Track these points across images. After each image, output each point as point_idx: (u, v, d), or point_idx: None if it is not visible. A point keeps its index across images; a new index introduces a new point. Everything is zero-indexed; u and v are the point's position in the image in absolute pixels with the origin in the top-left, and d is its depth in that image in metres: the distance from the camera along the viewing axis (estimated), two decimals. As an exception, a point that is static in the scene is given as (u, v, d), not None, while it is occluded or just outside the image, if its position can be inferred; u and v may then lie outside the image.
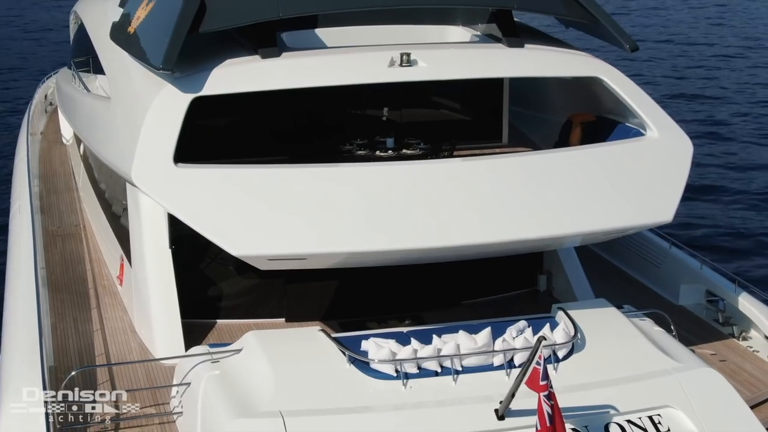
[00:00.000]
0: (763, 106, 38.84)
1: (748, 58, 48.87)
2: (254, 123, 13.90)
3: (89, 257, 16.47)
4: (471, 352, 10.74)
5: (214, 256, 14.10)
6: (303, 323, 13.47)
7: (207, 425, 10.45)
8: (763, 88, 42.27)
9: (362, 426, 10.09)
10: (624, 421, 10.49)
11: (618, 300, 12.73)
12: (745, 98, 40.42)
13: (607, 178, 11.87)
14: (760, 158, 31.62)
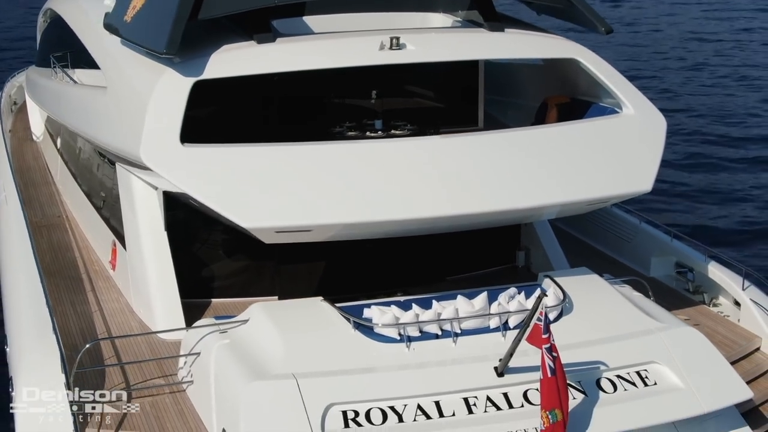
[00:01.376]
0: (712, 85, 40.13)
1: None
2: (246, 107, 14.40)
3: (76, 245, 16.87)
4: (470, 315, 11.36)
5: (207, 238, 14.63)
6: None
7: (222, 390, 10.97)
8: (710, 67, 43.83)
9: (371, 384, 10.68)
10: (614, 376, 11.18)
11: (593, 273, 13.43)
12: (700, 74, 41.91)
13: (588, 151, 12.57)
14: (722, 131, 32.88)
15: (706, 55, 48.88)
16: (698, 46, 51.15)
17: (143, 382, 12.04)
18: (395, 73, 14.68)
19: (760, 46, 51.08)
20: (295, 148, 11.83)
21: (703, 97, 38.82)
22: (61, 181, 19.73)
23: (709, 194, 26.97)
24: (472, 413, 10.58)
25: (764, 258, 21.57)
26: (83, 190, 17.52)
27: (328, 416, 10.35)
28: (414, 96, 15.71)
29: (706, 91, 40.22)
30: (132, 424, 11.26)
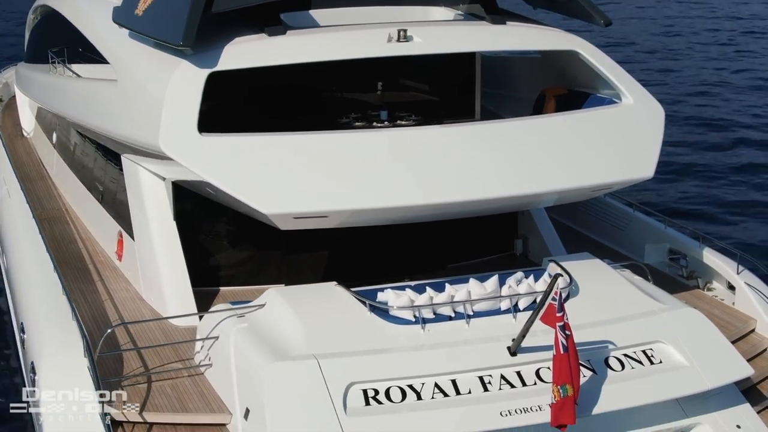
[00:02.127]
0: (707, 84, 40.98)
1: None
2: (254, 98, 14.70)
3: (79, 237, 17.11)
4: (483, 298, 11.76)
5: (214, 228, 14.95)
6: None
7: (243, 372, 11.30)
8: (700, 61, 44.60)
9: (389, 364, 11.05)
10: (621, 355, 11.61)
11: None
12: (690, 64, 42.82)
13: (591, 140, 12.99)
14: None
15: (691, 41, 50.05)
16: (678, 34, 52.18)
17: (161, 366, 12.33)
18: (395, 66, 15.06)
19: (744, 32, 52.10)
20: (311, 137, 12.18)
21: (690, 86, 39.56)
22: (59, 175, 19.95)
23: (704, 185, 27.61)
24: (487, 391, 10.97)
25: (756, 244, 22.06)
26: (84, 183, 17.76)
27: (349, 394, 10.71)
28: (412, 89, 16.07)
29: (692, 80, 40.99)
30: (155, 405, 11.54)
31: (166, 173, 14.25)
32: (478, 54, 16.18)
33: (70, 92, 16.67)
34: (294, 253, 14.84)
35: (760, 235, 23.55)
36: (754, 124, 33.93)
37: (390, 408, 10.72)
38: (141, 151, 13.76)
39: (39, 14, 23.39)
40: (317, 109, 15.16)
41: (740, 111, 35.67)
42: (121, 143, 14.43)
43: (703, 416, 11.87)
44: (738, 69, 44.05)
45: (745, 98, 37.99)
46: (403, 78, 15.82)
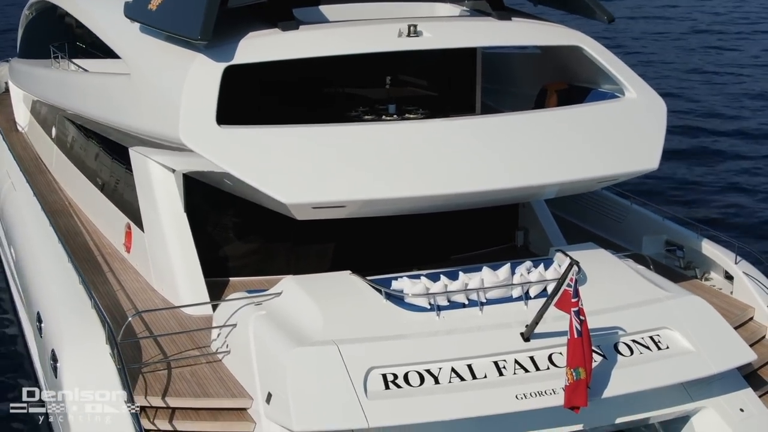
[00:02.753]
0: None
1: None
2: (264, 92, 14.95)
3: (85, 229, 17.32)
4: (496, 285, 12.11)
5: (223, 220, 15.22)
6: None
7: (264, 358, 11.58)
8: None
9: (407, 349, 11.37)
10: (630, 340, 11.98)
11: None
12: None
13: (597, 132, 13.36)
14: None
15: (681, 39, 50.94)
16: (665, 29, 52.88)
17: (179, 353, 12.59)
18: (399, 61, 15.39)
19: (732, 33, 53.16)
20: (328, 129, 12.49)
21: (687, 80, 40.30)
22: (59, 169, 20.11)
23: (701, 176, 28.12)
24: (502, 375, 11.31)
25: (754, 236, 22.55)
26: (88, 176, 17.96)
27: (369, 379, 11.03)
28: (415, 84, 16.39)
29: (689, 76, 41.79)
30: (176, 390, 11.80)
31: (177, 165, 14.51)
32: (479, 50, 16.50)
33: (78, 86, 16.87)
34: (302, 244, 15.14)
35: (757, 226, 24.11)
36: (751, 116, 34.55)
37: (409, 391, 11.04)
38: (152, 143, 14.02)
39: (35, 10, 23.55)
40: (326, 103, 15.45)
41: (736, 103, 36.26)
42: (132, 136, 14.67)
43: (707, 400, 12.27)
44: (736, 60, 44.85)
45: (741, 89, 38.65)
46: (406, 73, 16.14)
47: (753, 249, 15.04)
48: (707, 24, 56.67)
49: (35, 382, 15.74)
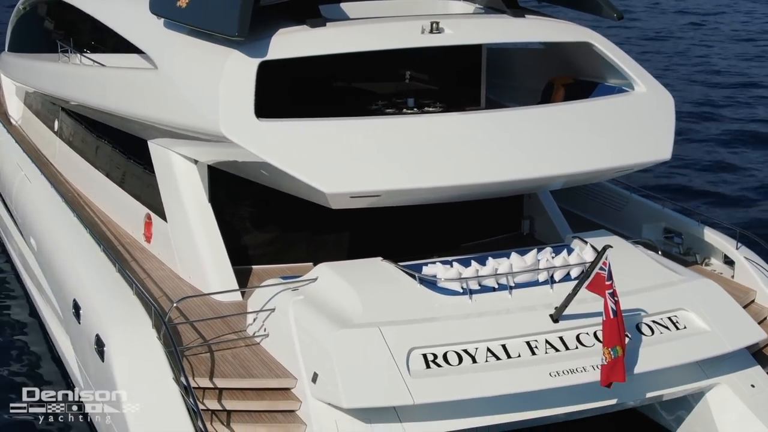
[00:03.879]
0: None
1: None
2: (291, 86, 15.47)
3: (99, 221, 17.72)
4: (525, 270, 12.77)
5: (245, 209, 15.73)
6: None
7: (307, 340, 12.15)
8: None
9: (444, 331, 12.01)
10: (650, 321, 12.70)
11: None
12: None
13: (611, 125, 14.07)
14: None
15: (680, 30, 52.46)
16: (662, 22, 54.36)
17: (218, 338, 13.11)
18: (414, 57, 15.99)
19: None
20: (364, 122, 13.12)
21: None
22: (64, 162, 20.39)
23: (701, 166, 29.09)
24: (535, 354, 11.99)
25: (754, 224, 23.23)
26: (100, 168, 18.34)
27: (410, 359, 11.64)
28: (425, 79, 16.99)
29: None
30: (221, 372, 12.34)
31: (201, 156, 15.03)
32: (484, 46, 17.15)
33: (96, 80, 17.20)
34: (320, 233, 15.70)
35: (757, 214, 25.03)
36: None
37: (449, 370, 11.67)
38: (178, 135, 14.51)
39: (30, 5, 23.80)
40: (347, 97, 16.01)
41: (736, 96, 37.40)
42: (156, 129, 15.12)
43: (721, 377, 13.04)
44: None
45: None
46: (419, 68, 16.73)
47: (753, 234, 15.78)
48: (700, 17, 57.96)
49: (60, 368, 16.30)
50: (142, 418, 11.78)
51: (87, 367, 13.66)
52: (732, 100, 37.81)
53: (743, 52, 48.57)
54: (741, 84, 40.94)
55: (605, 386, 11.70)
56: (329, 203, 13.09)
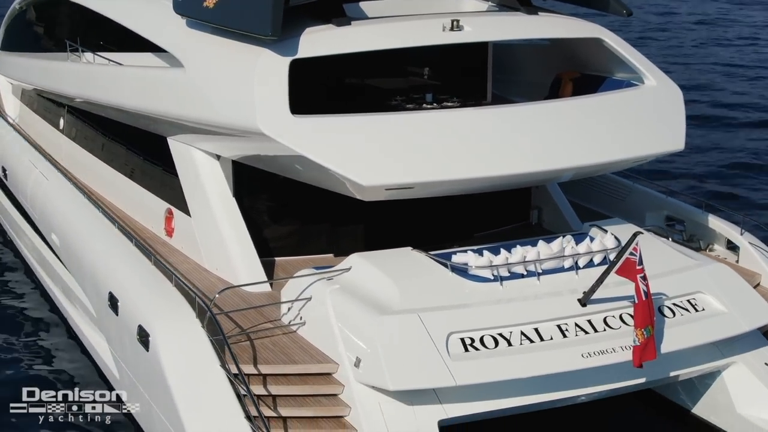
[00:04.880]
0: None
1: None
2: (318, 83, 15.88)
3: (116, 216, 18.05)
4: (551, 257, 13.37)
5: (267, 203, 16.19)
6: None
7: (346, 327, 12.66)
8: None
9: (479, 316, 12.57)
10: (671, 304, 13.33)
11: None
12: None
13: (626, 117, 14.67)
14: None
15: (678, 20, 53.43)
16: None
17: (255, 326, 13.57)
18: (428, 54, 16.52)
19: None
20: (396, 117, 13.69)
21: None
22: (71, 160, 20.61)
23: (702, 155, 29.84)
24: (566, 337, 12.58)
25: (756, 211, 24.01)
26: (115, 166, 18.68)
27: (449, 343, 12.19)
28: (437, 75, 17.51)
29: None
30: (264, 359, 12.82)
31: (224, 152, 15.48)
32: (491, 43, 17.70)
33: (114, 79, 17.54)
34: (339, 225, 16.20)
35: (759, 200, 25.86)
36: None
37: (487, 353, 12.24)
38: (204, 131, 14.95)
39: (27, 4, 24.03)
40: (368, 94, 16.51)
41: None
42: (181, 126, 15.53)
43: (737, 356, 13.74)
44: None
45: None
46: (432, 65, 17.25)
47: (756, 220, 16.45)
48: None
49: (60, 367, 16.65)
50: (192, 404, 12.21)
51: (126, 359, 14.08)
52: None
53: (743, 37, 49.61)
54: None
55: (638, 366, 12.27)
56: (364, 195, 13.58)
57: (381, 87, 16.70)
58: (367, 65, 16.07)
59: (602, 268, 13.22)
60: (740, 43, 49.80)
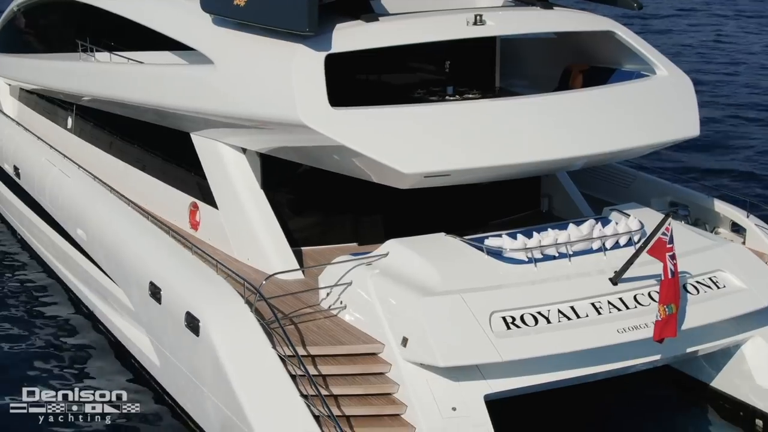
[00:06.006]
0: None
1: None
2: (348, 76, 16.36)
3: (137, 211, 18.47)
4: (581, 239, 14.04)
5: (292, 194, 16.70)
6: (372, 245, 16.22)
7: (391, 308, 13.22)
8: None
9: (517, 296, 13.20)
10: (695, 281, 14.04)
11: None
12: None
13: (643, 106, 15.39)
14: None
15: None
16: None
17: (296, 311, 14.08)
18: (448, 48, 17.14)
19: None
20: (432, 107, 14.36)
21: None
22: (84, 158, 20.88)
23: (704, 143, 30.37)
24: (600, 314, 13.25)
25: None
26: (132, 162, 19.09)
27: (492, 321, 12.81)
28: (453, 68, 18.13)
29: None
30: (311, 341, 13.37)
31: (251, 145, 15.98)
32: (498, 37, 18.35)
33: (135, 77, 17.91)
34: (361, 216, 16.78)
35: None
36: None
37: (528, 330, 12.88)
38: (234, 125, 15.44)
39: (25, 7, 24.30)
40: (392, 86, 17.09)
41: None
42: (209, 120, 15.98)
43: (755, 330, 14.52)
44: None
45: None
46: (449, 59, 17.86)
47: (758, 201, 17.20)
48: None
49: (60, 367, 16.83)
50: (248, 385, 12.71)
51: (171, 345, 14.53)
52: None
53: (744, 26, 50.73)
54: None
55: (657, 341, 12.96)
56: (403, 183, 14.15)
57: (402, 81, 17.28)
58: (387, 60, 16.65)
59: (628, 249, 13.95)
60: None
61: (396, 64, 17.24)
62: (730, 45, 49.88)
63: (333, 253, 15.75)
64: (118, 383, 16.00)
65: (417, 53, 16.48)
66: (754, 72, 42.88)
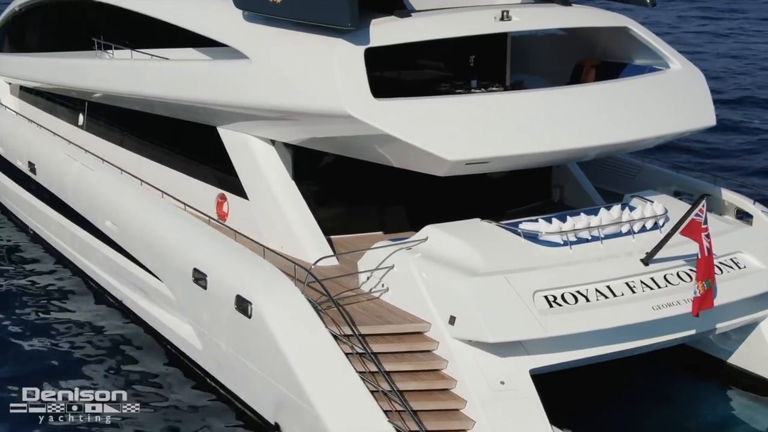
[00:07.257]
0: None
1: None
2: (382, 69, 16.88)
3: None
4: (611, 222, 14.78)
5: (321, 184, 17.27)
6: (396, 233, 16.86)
7: (436, 290, 13.85)
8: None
9: (557, 276, 13.89)
10: (718, 262, 14.80)
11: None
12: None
13: (662, 97, 16.16)
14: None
15: None
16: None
17: (338, 294, 14.63)
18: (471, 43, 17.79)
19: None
20: (470, 98, 15.03)
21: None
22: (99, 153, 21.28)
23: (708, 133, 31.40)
24: (634, 293, 13.98)
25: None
26: (153, 157, 19.53)
27: (535, 299, 13.50)
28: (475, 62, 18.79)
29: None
30: (360, 321, 13.96)
31: (280, 137, 16.54)
32: (509, 33, 19.06)
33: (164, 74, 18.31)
34: (390, 204, 17.39)
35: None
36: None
37: (569, 308, 13.59)
38: (266, 118, 15.99)
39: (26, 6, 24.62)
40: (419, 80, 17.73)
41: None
42: (239, 114, 16.50)
43: None
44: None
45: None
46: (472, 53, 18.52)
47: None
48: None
49: (60, 367, 17.05)
50: (305, 363, 13.29)
51: (220, 329, 15.04)
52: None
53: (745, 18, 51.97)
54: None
55: (695, 315, 13.72)
56: (445, 170, 14.75)
57: (428, 76, 17.94)
58: (414, 55, 17.30)
59: (654, 232, 14.73)
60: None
61: (422, 59, 17.89)
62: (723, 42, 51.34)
63: (359, 242, 16.35)
64: (118, 383, 16.30)
65: (442, 49, 17.08)
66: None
